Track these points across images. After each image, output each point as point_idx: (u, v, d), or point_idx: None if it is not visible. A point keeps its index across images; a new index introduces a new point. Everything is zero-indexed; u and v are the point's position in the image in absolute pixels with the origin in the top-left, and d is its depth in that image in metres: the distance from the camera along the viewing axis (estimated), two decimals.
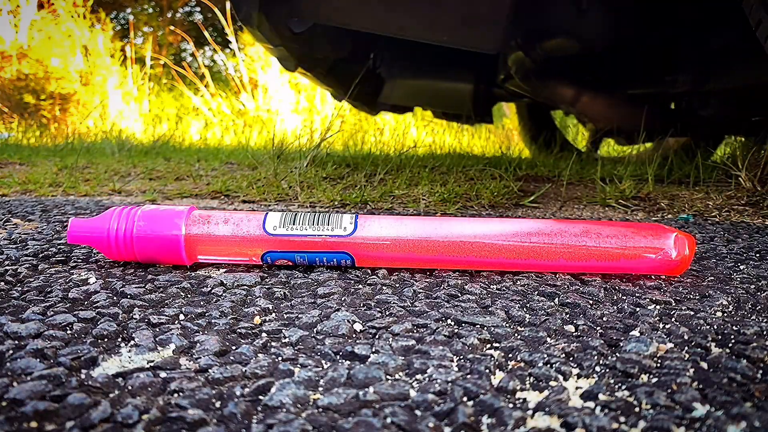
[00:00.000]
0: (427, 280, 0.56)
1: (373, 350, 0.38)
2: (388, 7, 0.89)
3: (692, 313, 0.47)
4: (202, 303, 0.48)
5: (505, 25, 0.85)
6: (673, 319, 0.46)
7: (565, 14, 1.05)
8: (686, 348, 0.40)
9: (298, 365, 0.36)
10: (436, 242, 0.57)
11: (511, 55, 1.31)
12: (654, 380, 0.35)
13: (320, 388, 0.33)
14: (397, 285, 0.54)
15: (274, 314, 0.46)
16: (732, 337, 0.42)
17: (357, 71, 1.55)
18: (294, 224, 0.57)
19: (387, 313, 0.46)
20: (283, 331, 0.42)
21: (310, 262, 0.59)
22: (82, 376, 0.34)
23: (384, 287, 0.53)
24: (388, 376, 0.35)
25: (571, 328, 0.44)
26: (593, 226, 0.57)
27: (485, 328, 0.43)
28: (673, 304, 0.50)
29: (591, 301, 0.50)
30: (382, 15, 0.90)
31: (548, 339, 0.41)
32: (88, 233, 0.57)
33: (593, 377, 0.35)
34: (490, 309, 0.47)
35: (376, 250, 0.57)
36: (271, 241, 0.57)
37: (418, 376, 0.35)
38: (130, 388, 0.33)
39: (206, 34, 5.56)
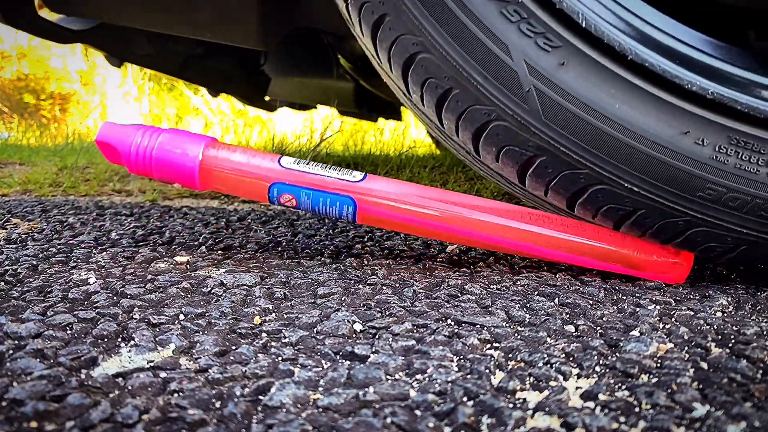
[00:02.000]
0: (428, 280, 0.56)
1: (373, 350, 0.38)
2: (146, 3, 0.90)
3: (692, 313, 0.47)
4: (202, 303, 0.48)
5: (257, 23, 0.86)
6: (673, 319, 0.46)
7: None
8: (686, 348, 0.40)
9: (298, 365, 0.36)
10: (437, 205, 0.58)
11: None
12: (654, 380, 0.35)
13: (320, 388, 0.33)
14: (397, 285, 0.54)
15: (274, 314, 0.46)
16: (732, 337, 0.42)
17: (227, 68, 1.53)
18: (308, 165, 0.60)
19: (387, 313, 0.46)
20: (283, 331, 0.42)
21: (313, 206, 0.59)
22: (82, 376, 0.34)
23: (384, 287, 0.53)
24: (388, 376, 0.35)
25: (571, 328, 0.44)
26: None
27: (485, 329, 0.43)
28: (673, 304, 0.50)
29: (591, 302, 0.50)
30: (141, 11, 0.91)
31: (548, 339, 0.41)
32: (114, 140, 0.60)
33: (593, 377, 0.35)
34: (490, 309, 0.47)
35: (379, 202, 0.58)
36: (281, 172, 0.59)
37: (418, 376, 0.35)
38: (130, 388, 0.33)
39: None
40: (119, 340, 0.40)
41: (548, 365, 0.36)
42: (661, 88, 0.49)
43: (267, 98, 1.83)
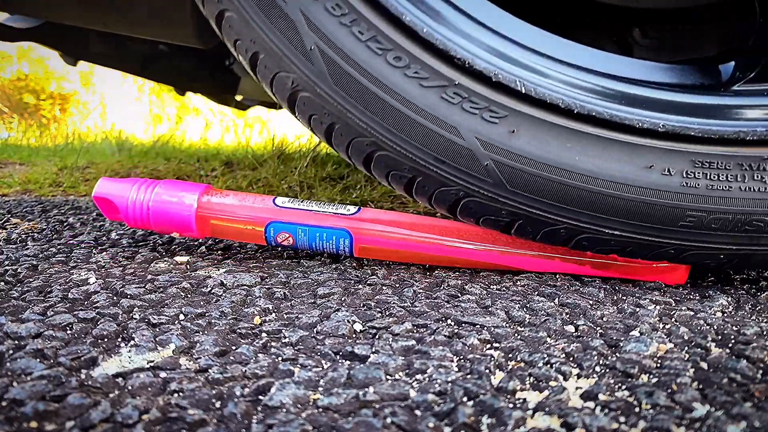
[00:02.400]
0: (427, 280, 0.56)
1: (373, 350, 0.38)
2: (81, 1, 0.90)
3: (692, 313, 0.47)
4: (202, 303, 0.48)
5: (192, 21, 0.86)
6: (673, 319, 0.46)
7: None
8: (686, 348, 0.40)
9: (298, 365, 0.36)
10: (433, 228, 0.58)
11: None
12: (654, 380, 0.35)
13: (320, 388, 0.33)
14: (398, 285, 0.54)
15: (274, 314, 0.46)
16: (732, 337, 0.42)
17: (191, 67, 1.52)
18: (302, 202, 0.61)
19: (387, 314, 0.46)
20: (283, 331, 0.42)
21: (310, 242, 0.60)
22: (82, 376, 0.34)
23: (384, 287, 0.53)
24: (388, 376, 0.35)
25: (571, 328, 0.44)
26: None
27: (485, 329, 0.43)
28: (673, 304, 0.50)
29: (591, 302, 0.50)
30: (78, 9, 0.91)
31: (548, 339, 0.41)
32: (112, 195, 0.62)
33: (593, 377, 0.35)
34: (490, 309, 0.47)
35: (374, 231, 0.59)
36: (276, 211, 0.60)
37: (418, 377, 0.35)
38: (130, 388, 0.33)
39: None
40: (119, 340, 0.40)
41: (548, 365, 0.36)
42: (615, 131, 0.49)
43: (239, 97, 1.81)
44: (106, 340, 0.40)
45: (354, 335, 0.42)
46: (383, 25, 0.48)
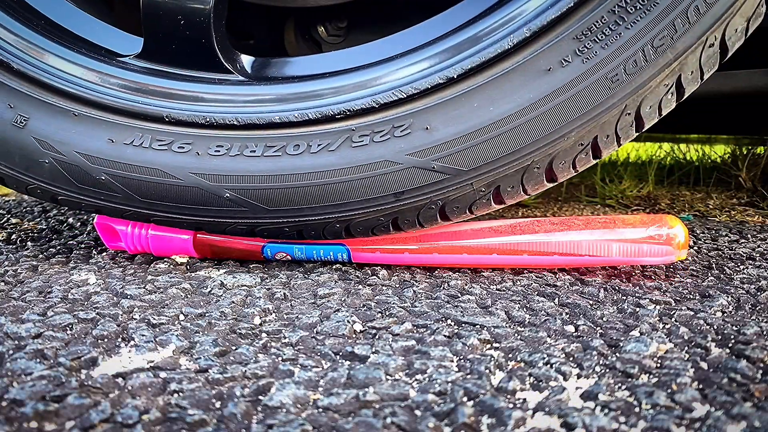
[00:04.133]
0: (428, 280, 0.56)
1: (373, 350, 0.38)
2: None
3: (692, 313, 0.47)
4: (202, 303, 0.48)
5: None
6: (673, 319, 0.46)
7: None
8: (686, 348, 0.40)
9: (299, 365, 0.36)
10: (431, 236, 0.58)
11: None
12: (654, 380, 0.35)
13: (320, 389, 0.33)
14: (398, 285, 0.54)
15: (274, 314, 0.46)
16: (732, 337, 0.42)
17: None
18: None
19: (387, 314, 0.46)
20: (283, 331, 0.42)
21: (307, 257, 0.60)
22: (82, 376, 0.34)
23: (384, 288, 0.53)
24: (388, 377, 0.35)
25: (571, 328, 0.44)
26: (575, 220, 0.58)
27: (485, 329, 0.43)
28: (673, 304, 0.50)
29: (591, 302, 0.50)
30: None
31: (548, 339, 0.41)
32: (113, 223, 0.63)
33: (593, 377, 0.35)
34: (490, 309, 0.47)
35: (371, 247, 0.58)
36: None
37: (418, 377, 0.35)
38: (130, 388, 0.33)
39: None
40: (119, 340, 0.40)
41: (548, 365, 0.36)
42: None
43: None
44: (106, 340, 0.40)
45: (354, 335, 0.42)
46: None
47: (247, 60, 0.60)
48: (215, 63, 0.57)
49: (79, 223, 0.86)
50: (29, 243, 0.71)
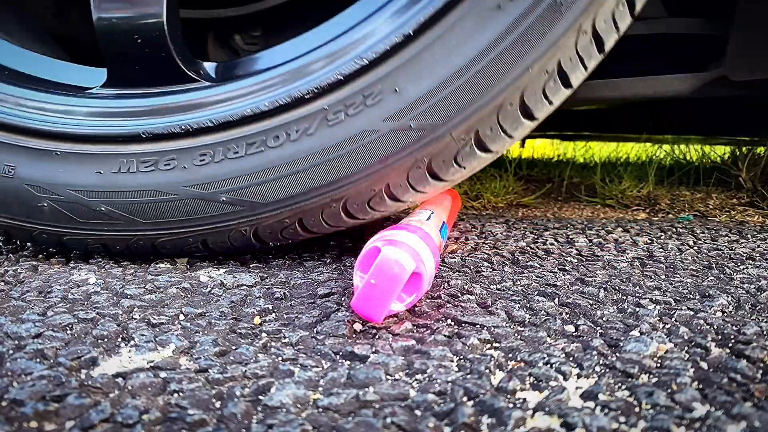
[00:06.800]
0: None
1: (373, 350, 0.38)
2: None
3: (692, 312, 0.47)
4: (201, 303, 0.48)
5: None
6: (673, 319, 0.46)
7: None
8: (686, 348, 0.40)
9: (298, 365, 0.36)
10: None
11: None
12: (654, 380, 0.35)
13: (320, 388, 0.33)
14: None
15: (274, 314, 0.46)
16: (732, 337, 0.42)
17: None
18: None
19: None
20: (283, 331, 0.42)
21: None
22: (82, 376, 0.34)
23: None
24: (388, 376, 0.35)
25: (571, 328, 0.44)
26: None
27: (485, 329, 0.43)
28: (673, 304, 0.50)
29: (591, 302, 0.50)
30: None
31: (548, 339, 0.41)
32: None
33: (593, 377, 0.35)
34: (490, 309, 0.47)
35: None
36: None
37: (418, 376, 0.35)
38: (130, 388, 0.33)
39: None
40: (119, 340, 0.40)
41: (548, 365, 0.36)
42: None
43: None
44: (106, 340, 0.40)
45: (354, 335, 0.42)
46: None
47: (209, 66, 0.60)
48: (179, 74, 0.57)
49: None
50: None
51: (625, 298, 0.51)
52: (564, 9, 0.49)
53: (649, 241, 0.78)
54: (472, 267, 0.61)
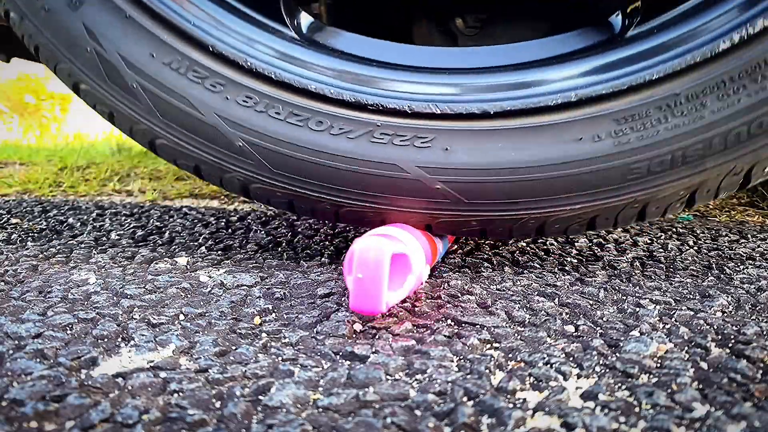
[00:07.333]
0: (428, 280, 0.56)
1: (373, 350, 0.38)
2: None
3: (692, 313, 0.47)
4: (201, 303, 0.48)
5: None
6: (673, 319, 0.46)
7: None
8: (686, 348, 0.40)
9: (298, 365, 0.36)
10: None
11: None
12: (654, 380, 0.35)
13: (320, 388, 0.33)
14: None
15: (273, 314, 0.46)
16: (732, 337, 0.42)
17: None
18: None
19: (387, 314, 0.46)
20: (283, 331, 0.42)
21: None
22: (82, 376, 0.34)
23: None
24: (388, 377, 0.35)
25: (571, 328, 0.44)
26: None
27: (485, 329, 0.43)
28: (673, 304, 0.50)
29: (591, 302, 0.50)
30: None
31: (548, 339, 0.41)
32: None
33: (593, 377, 0.35)
34: (490, 309, 0.47)
35: None
36: None
37: (418, 377, 0.35)
38: (130, 388, 0.33)
39: None
40: (119, 340, 0.40)
41: (548, 365, 0.36)
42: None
43: None
44: (106, 340, 0.40)
45: (354, 335, 0.42)
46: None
47: (305, 20, 0.57)
48: (275, 12, 0.55)
49: (79, 224, 0.86)
50: (29, 243, 0.71)
51: (625, 298, 0.51)
52: None
53: (649, 241, 0.78)
54: (472, 267, 0.61)
